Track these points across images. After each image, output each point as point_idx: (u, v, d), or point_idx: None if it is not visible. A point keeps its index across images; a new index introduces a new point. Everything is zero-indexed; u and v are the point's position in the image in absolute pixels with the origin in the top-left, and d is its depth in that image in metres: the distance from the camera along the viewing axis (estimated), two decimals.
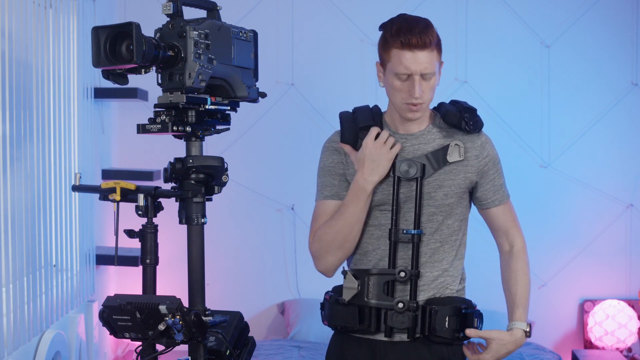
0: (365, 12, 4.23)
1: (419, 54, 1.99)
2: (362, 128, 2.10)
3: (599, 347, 4.12)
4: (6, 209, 2.62)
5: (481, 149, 2.12)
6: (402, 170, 2.06)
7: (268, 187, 4.26)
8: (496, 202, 2.17)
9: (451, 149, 2.09)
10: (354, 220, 2.07)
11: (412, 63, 1.99)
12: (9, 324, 2.63)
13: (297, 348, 3.83)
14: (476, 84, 4.18)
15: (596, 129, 4.24)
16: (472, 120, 2.09)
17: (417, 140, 2.11)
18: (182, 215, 1.75)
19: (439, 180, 2.08)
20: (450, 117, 2.10)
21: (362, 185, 2.05)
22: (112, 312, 1.67)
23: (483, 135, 2.14)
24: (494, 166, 2.15)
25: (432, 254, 2.10)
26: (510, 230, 2.20)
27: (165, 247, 2.13)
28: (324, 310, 2.19)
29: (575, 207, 4.23)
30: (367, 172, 2.05)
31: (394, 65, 2.01)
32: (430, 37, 2.00)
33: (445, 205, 2.09)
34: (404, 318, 2.04)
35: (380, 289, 2.06)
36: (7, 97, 2.61)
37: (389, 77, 2.04)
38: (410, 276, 2.06)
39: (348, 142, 2.11)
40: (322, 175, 2.17)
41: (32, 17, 2.88)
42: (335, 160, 2.15)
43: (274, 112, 4.21)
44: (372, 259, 2.12)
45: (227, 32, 1.74)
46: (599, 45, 4.23)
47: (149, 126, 1.70)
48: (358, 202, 2.06)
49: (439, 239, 2.11)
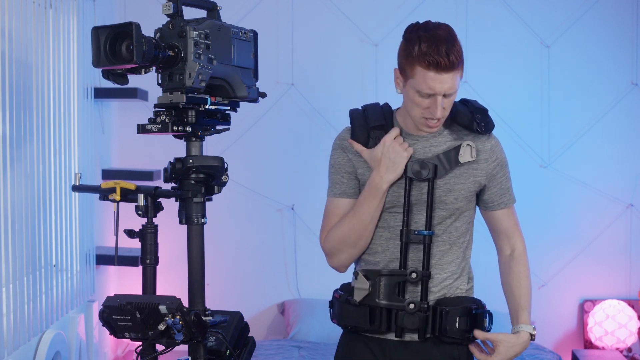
0: (365, 12, 4.23)
1: (445, 75, 1.95)
2: (373, 127, 2.09)
3: (599, 347, 4.12)
4: (6, 209, 2.62)
5: (490, 152, 2.11)
6: (414, 170, 2.05)
7: (268, 187, 4.26)
8: (502, 205, 2.16)
9: (463, 149, 2.07)
10: (369, 218, 2.07)
11: (437, 84, 1.95)
12: (9, 324, 2.63)
13: (297, 348, 3.83)
14: (476, 84, 4.18)
15: (596, 129, 4.24)
16: (484, 122, 2.08)
17: (428, 142, 2.10)
18: (182, 215, 1.75)
19: (449, 184, 2.08)
20: (462, 117, 2.08)
21: (378, 184, 2.05)
22: (112, 312, 1.67)
23: (493, 138, 2.13)
24: (502, 169, 2.14)
25: (442, 256, 2.10)
26: (512, 234, 2.20)
27: (165, 247, 2.13)
28: (332, 309, 2.19)
29: (575, 207, 4.24)
30: (384, 170, 2.04)
31: (418, 83, 1.97)
32: (457, 57, 1.95)
33: (455, 208, 2.09)
34: (415, 319, 2.04)
35: (391, 290, 2.05)
36: (7, 97, 2.61)
37: (410, 91, 2.01)
38: (421, 277, 2.06)
39: (359, 141, 2.10)
40: (332, 173, 2.17)
41: (32, 17, 2.88)
42: (344, 158, 2.15)
43: (274, 112, 4.21)
44: (382, 260, 2.11)
45: (227, 32, 1.74)
46: (599, 45, 4.23)
47: (149, 126, 1.70)
48: (373, 201, 2.06)
49: (448, 241, 2.11)
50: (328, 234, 2.15)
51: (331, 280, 2.29)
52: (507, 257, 2.21)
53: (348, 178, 2.14)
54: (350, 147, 2.13)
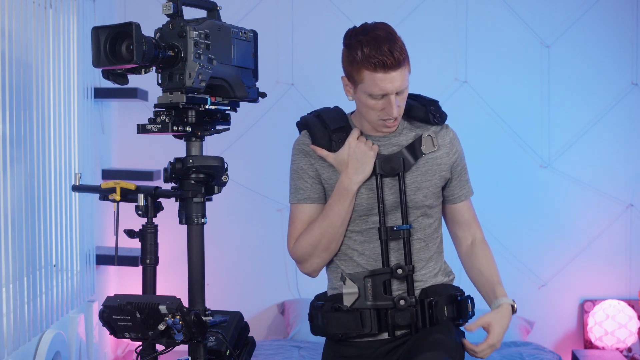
0: (365, 12, 4.21)
1: (394, 74, 1.96)
2: (334, 130, 2.10)
3: (599, 347, 4.12)
4: (6, 209, 2.62)
5: (450, 145, 2.14)
6: (385, 167, 2.07)
7: (268, 187, 4.26)
8: (462, 197, 2.19)
9: (424, 139, 2.10)
10: (339, 221, 2.08)
11: (387, 84, 1.96)
12: (9, 324, 2.63)
13: (297, 348, 3.83)
14: (476, 84, 4.18)
15: (596, 129, 4.23)
16: (438, 112, 2.12)
17: (389, 140, 2.12)
18: (182, 215, 1.75)
19: (416, 183, 2.10)
20: (416, 111, 2.11)
21: (347, 186, 2.06)
22: (112, 312, 1.67)
23: (450, 131, 2.16)
24: (462, 162, 2.18)
25: (418, 253, 2.12)
26: (472, 224, 2.22)
27: (165, 247, 2.13)
28: (314, 321, 2.17)
29: (575, 207, 4.23)
30: (352, 171, 2.05)
31: (368, 87, 1.98)
32: (401, 54, 1.96)
33: (425, 206, 2.11)
34: (406, 314, 2.06)
35: (378, 290, 2.06)
36: (7, 97, 2.61)
37: (362, 96, 2.02)
38: (407, 272, 2.07)
39: (321, 145, 2.11)
40: (294, 178, 2.19)
41: (32, 17, 2.88)
42: (306, 163, 2.15)
43: (274, 112, 4.21)
44: (359, 264, 2.12)
45: (227, 32, 1.74)
46: (599, 45, 4.23)
47: (149, 126, 1.71)
48: (343, 203, 2.06)
49: (423, 238, 2.13)
50: (297, 241, 2.15)
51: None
52: (468, 245, 2.22)
53: (312, 183, 2.15)
54: (313, 152, 2.14)
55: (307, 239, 2.12)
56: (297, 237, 2.16)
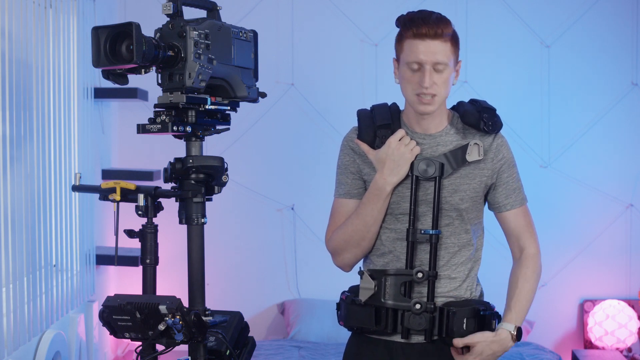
0: (365, 12, 4.23)
1: (431, 43, 1.96)
2: (380, 126, 2.08)
3: (599, 347, 4.12)
4: (6, 209, 2.62)
5: (496, 151, 2.09)
6: (420, 169, 2.04)
7: (268, 187, 4.26)
8: (508, 206, 2.14)
9: (470, 148, 2.06)
10: (372, 220, 2.06)
11: (423, 52, 1.96)
12: (9, 324, 2.63)
13: (297, 348, 3.83)
14: (476, 84, 4.18)
15: (596, 129, 4.23)
16: (491, 121, 2.07)
17: (434, 140, 2.09)
18: (182, 215, 1.75)
19: (454, 185, 2.06)
20: (469, 117, 2.07)
21: (381, 186, 2.04)
22: (112, 312, 1.67)
23: (500, 137, 2.12)
24: (509, 169, 2.12)
25: (450, 258, 2.08)
26: (521, 236, 2.16)
27: (165, 247, 2.13)
28: (340, 311, 2.17)
29: (575, 207, 4.23)
30: (387, 172, 2.03)
31: (406, 55, 1.99)
32: (443, 28, 1.97)
33: (461, 209, 2.07)
34: (421, 319, 2.02)
35: (397, 290, 2.03)
36: (7, 97, 2.61)
37: (402, 70, 2.02)
38: (427, 277, 2.03)
39: (365, 141, 2.08)
40: (338, 173, 2.17)
41: (32, 17, 2.88)
42: (350, 159, 2.14)
43: (274, 112, 4.21)
44: (388, 260, 2.10)
45: (227, 32, 1.74)
46: (599, 45, 4.23)
47: (149, 126, 1.70)
48: (377, 202, 2.05)
49: (457, 243, 2.09)
50: (332, 234, 2.15)
51: (331, 280, 2.29)
52: (516, 259, 2.17)
53: (352, 178, 2.14)
54: (357, 147, 2.12)
55: (340, 234, 2.11)
56: (333, 230, 2.15)
